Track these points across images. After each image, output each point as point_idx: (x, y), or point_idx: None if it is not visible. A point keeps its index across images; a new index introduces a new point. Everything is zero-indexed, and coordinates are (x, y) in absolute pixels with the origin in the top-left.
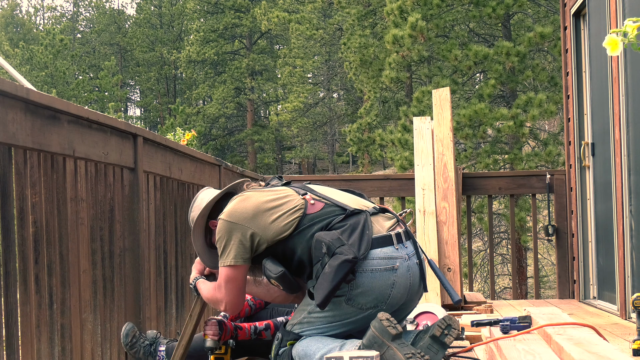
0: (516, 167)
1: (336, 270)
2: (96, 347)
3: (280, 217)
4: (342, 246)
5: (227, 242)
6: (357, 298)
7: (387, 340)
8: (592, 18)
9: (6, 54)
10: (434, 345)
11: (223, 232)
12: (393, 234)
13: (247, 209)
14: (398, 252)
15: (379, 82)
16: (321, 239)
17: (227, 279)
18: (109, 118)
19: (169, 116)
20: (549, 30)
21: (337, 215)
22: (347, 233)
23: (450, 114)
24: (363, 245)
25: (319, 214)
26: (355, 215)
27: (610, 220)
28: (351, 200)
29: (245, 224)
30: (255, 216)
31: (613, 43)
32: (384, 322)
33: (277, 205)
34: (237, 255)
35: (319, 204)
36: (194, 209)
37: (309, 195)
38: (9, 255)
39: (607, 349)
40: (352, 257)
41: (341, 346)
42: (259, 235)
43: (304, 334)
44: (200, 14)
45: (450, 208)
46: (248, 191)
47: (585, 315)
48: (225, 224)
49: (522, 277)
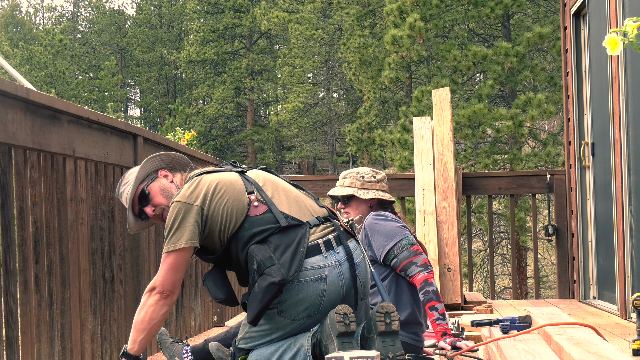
0: (515, 167)
1: (264, 291)
2: (96, 347)
3: (230, 205)
4: (271, 266)
5: (181, 223)
6: (288, 310)
7: (333, 335)
8: (592, 18)
9: (6, 54)
10: (386, 339)
11: (177, 213)
12: (321, 241)
13: (201, 191)
14: (327, 260)
15: (378, 82)
16: (253, 254)
17: (174, 263)
18: (109, 118)
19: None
20: (548, 31)
21: (275, 225)
22: (280, 250)
23: (450, 114)
24: (294, 265)
25: (258, 219)
26: (293, 229)
27: (610, 220)
28: (297, 207)
29: (200, 204)
30: (209, 198)
31: (613, 43)
32: (337, 317)
33: (225, 193)
34: (192, 238)
35: (262, 207)
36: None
37: (254, 195)
38: (9, 255)
39: (607, 349)
40: (279, 280)
41: (295, 341)
42: (210, 220)
43: (250, 347)
44: (200, 14)
45: (450, 208)
46: (201, 173)
47: (585, 315)
48: (180, 205)
49: (522, 277)
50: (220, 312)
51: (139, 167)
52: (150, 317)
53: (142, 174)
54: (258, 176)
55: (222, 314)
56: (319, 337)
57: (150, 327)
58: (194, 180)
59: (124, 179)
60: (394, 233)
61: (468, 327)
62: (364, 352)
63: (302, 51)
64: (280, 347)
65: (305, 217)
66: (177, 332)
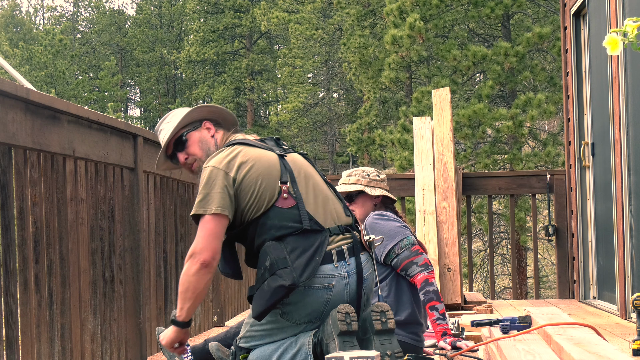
0: (515, 167)
1: (272, 292)
2: (96, 347)
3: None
4: (284, 268)
5: (213, 188)
6: (291, 313)
7: (335, 334)
8: (592, 18)
9: (6, 54)
10: (383, 338)
11: (210, 177)
12: (334, 251)
13: (239, 163)
14: (336, 271)
15: (378, 82)
16: (268, 252)
17: (212, 228)
18: (109, 118)
19: None
20: (548, 31)
21: (297, 225)
22: (296, 253)
23: (450, 114)
24: (307, 272)
25: (283, 212)
26: (313, 234)
27: (610, 220)
28: (322, 209)
29: (234, 175)
30: (244, 174)
31: (613, 42)
32: (339, 316)
33: (260, 175)
34: (223, 205)
35: (290, 200)
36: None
37: (287, 185)
38: (9, 255)
39: (607, 349)
40: (288, 284)
41: (296, 340)
42: (238, 196)
43: (250, 347)
44: (200, 14)
45: (450, 208)
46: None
47: (585, 315)
48: (216, 171)
49: (522, 277)
50: (220, 312)
51: (186, 111)
52: (194, 287)
53: (186, 119)
54: (295, 164)
55: (222, 314)
56: (320, 336)
57: (195, 296)
58: (234, 148)
59: (166, 118)
60: (395, 233)
61: (468, 327)
62: (364, 352)
63: (302, 51)
64: (281, 346)
65: (327, 222)
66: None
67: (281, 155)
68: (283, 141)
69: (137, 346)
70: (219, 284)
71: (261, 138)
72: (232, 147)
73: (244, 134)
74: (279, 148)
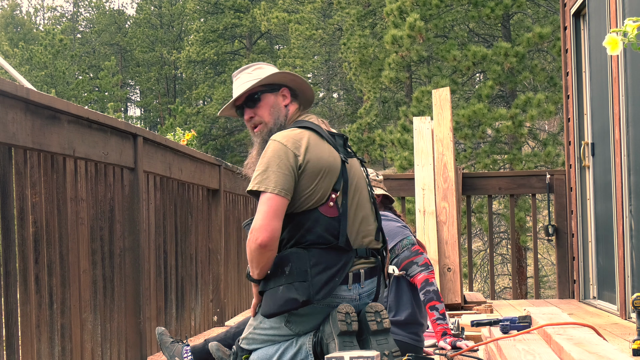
0: (515, 167)
1: (285, 302)
2: (96, 347)
3: (314, 188)
4: (302, 282)
5: (280, 168)
6: (295, 323)
7: (335, 334)
8: (592, 18)
9: (6, 54)
10: (379, 338)
11: (278, 155)
12: (352, 273)
13: (309, 151)
14: (349, 292)
15: (378, 82)
16: (290, 259)
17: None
18: (109, 118)
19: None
20: (548, 31)
21: (330, 239)
22: (318, 269)
23: (450, 114)
24: (324, 290)
25: (324, 219)
26: (340, 252)
27: (610, 220)
28: (357, 228)
29: (302, 162)
30: (309, 167)
31: (613, 42)
32: (339, 316)
33: (323, 174)
34: (287, 188)
35: (334, 210)
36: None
37: (336, 195)
38: (9, 255)
39: (607, 349)
40: (302, 300)
41: (296, 339)
42: (296, 184)
43: (252, 349)
44: (200, 14)
45: (450, 208)
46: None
47: (585, 315)
48: (286, 150)
49: (522, 277)
50: (220, 312)
51: (271, 71)
52: (257, 261)
53: (268, 79)
54: (352, 173)
55: (222, 314)
56: (320, 335)
57: (260, 267)
58: (305, 133)
59: (249, 68)
60: (395, 233)
61: (468, 327)
62: (364, 352)
63: (302, 51)
64: (282, 346)
65: (357, 242)
66: (177, 332)
67: (344, 161)
68: (349, 143)
69: (137, 346)
70: (219, 284)
71: (331, 132)
72: (303, 130)
73: (317, 117)
74: (343, 149)
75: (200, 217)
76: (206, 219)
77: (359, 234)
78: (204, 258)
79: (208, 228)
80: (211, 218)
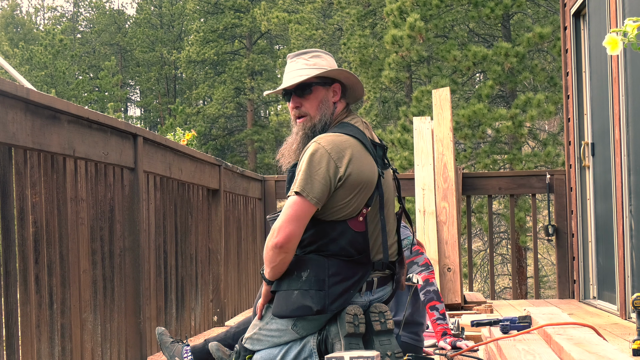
0: (515, 167)
1: (298, 307)
2: (96, 347)
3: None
4: (319, 291)
5: (318, 175)
6: (303, 327)
7: (342, 335)
8: (592, 18)
9: (6, 54)
10: (382, 338)
11: (320, 161)
12: (366, 281)
13: (351, 164)
14: (359, 299)
15: (378, 82)
16: (309, 265)
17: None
18: (109, 118)
19: (169, 116)
20: (548, 31)
21: (352, 252)
22: (336, 279)
23: (450, 114)
24: (339, 301)
25: (350, 233)
26: (359, 264)
27: (610, 220)
28: (379, 241)
29: (342, 174)
30: (347, 181)
31: (613, 42)
32: (347, 317)
33: (360, 189)
34: (319, 197)
35: (362, 225)
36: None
37: (367, 210)
38: (9, 255)
39: (607, 349)
40: (317, 309)
41: (300, 339)
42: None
43: (255, 350)
44: (200, 14)
45: (450, 208)
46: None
47: (585, 315)
48: (329, 159)
49: (522, 277)
50: (220, 312)
51: (329, 62)
52: (271, 260)
53: (325, 74)
54: (386, 189)
55: (222, 314)
56: (326, 334)
57: (273, 267)
58: (350, 141)
59: (308, 54)
60: None
61: (468, 327)
62: (364, 352)
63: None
64: (286, 344)
65: (377, 255)
66: (177, 332)
67: (380, 175)
68: (386, 154)
69: (137, 346)
70: (219, 284)
71: (374, 141)
72: (349, 139)
73: (362, 121)
74: (381, 162)
75: (200, 217)
76: (206, 219)
77: (379, 247)
78: (204, 258)
79: (208, 228)
80: (211, 218)
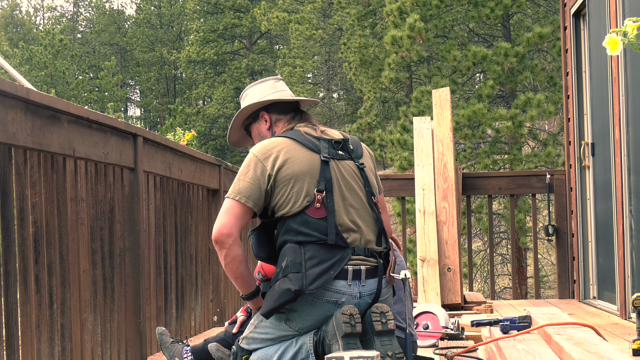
0: (515, 167)
1: (279, 294)
2: (96, 347)
3: (294, 194)
4: (296, 273)
5: (246, 176)
6: (295, 320)
7: (339, 335)
8: (592, 18)
9: (6, 54)
10: (384, 339)
11: (247, 165)
12: (352, 268)
13: (280, 160)
14: (349, 289)
15: (378, 82)
16: (286, 253)
17: (226, 206)
18: (109, 118)
19: (168, 116)
20: (548, 31)
21: (321, 237)
22: (313, 262)
23: (450, 114)
24: (318, 282)
25: (311, 221)
26: (335, 249)
27: (610, 220)
28: (353, 225)
29: (270, 172)
30: (282, 175)
31: (613, 42)
32: (343, 318)
33: (296, 180)
34: (248, 196)
35: (322, 211)
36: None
37: (321, 195)
38: (9, 255)
39: (607, 349)
40: (295, 289)
41: (297, 339)
42: (270, 191)
43: (252, 349)
44: (200, 14)
45: (450, 208)
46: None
47: (585, 315)
48: (255, 161)
49: (522, 277)
50: (220, 312)
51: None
52: (225, 266)
53: (239, 117)
54: (339, 173)
55: (222, 314)
56: (322, 335)
57: (232, 275)
58: (280, 142)
59: (241, 95)
60: None
61: (468, 327)
62: (364, 352)
63: (302, 51)
64: (282, 345)
65: (355, 241)
66: (177, 332)
67: (325, 160)
68: (350, 144)
69: (137, 346)
70: (219, 284)
71: (318, 137)
72: (277, 139)
73: (307, 125)
74: (330, 151)
75: (200, 217)
76: (206, 219)
77: (355, 232)
78: (204, 258)
79: (208, 228)
80: (211, 218)
